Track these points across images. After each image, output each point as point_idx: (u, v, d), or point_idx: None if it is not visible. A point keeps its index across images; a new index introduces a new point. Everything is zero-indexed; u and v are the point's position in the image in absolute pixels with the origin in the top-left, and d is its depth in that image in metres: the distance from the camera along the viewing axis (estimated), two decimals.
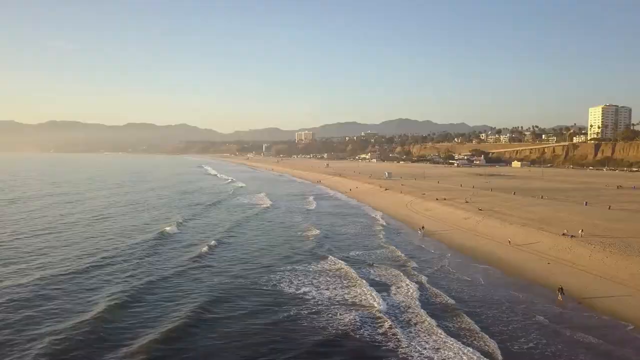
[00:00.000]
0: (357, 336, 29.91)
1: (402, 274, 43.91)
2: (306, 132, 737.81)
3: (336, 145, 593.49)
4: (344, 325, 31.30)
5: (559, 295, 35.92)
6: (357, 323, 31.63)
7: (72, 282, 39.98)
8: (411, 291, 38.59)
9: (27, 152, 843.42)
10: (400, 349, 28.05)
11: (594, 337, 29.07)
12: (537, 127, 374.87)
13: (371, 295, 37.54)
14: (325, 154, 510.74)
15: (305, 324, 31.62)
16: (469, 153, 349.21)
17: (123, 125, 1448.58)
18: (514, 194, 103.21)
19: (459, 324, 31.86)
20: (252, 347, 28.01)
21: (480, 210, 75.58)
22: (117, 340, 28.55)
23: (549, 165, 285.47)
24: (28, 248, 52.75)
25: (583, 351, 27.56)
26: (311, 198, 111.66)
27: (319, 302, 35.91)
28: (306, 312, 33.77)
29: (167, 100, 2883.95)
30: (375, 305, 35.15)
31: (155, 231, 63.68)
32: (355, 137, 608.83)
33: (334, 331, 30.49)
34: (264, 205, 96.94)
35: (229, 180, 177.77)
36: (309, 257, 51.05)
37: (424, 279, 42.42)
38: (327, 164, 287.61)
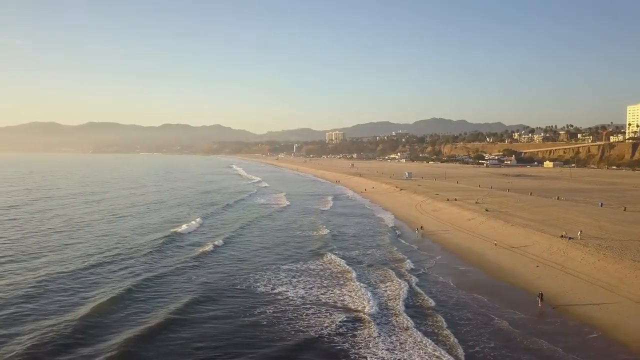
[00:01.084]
0: (332, 332, 30.14)
1: (393, 274, 43.67)
2: (337, 132, 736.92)
3: (366, 145, 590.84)
4: (322, 325, 31.32)
5: (539, 302, 34.64)
6: (338, 322, 31.83)
7: (70, 280, 40.57)
8: (395, 291, 38.41)
9: (66, 153, 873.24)
10: (370, 347, 27.92)
11: (550, 344, 27.94)
12: (571, 126, 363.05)
13: (357, 294, 37.73)
14: (355, 154, 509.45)
15: (284, 324, 31.50)
16: (499, 153, 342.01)
17: (159, 126, 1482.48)
18: (531, 194, 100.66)
19: (432, 326, 31.40)
20: (225, 348, 27.96)
21: (487, 211, 73.90)
22: (95, 337, 28.87)
23: (583, 165, 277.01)
24: (35, 246, 53.77)
25: (529, 357, 26.71)
26: (329, 198, 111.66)
27: (304, 302, 35.89)
28: (290, 312, 33.77)
29: (202, 102, 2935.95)
30: (359, 304, 35.31)
31: (166, 231, 64.28)
32: (385, 137, 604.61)
33: (312, 330, 30.48)
34: (282, 205, 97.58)
35: (254, 180, 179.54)
36: (310, 256, 50.97)
37: (412, 279, 41.98)
38: (352, 164, 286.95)
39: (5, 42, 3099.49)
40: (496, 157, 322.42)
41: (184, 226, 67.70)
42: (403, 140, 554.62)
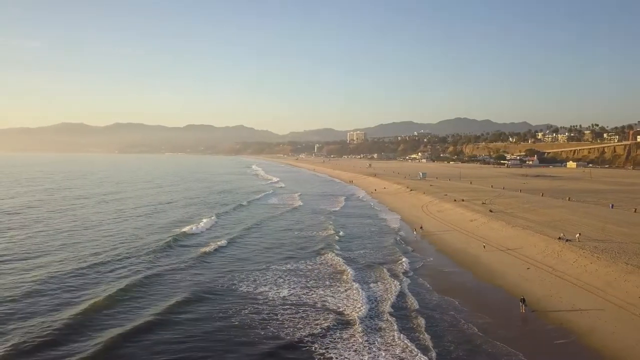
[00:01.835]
0: (305, 334, 29.96)
1: (386, 274, 43.52)
2: (358, 132, 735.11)
3: (387, 145, 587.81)
4: (298, 326, 31.26)
5: (522, 307, 33.68)
6: (313, 322, 31.79)
7: (66, 279, 40.88)
8: (379, 293, 38.26)
9: (93, 153, 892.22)
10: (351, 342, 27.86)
11: (512, 348, 27.26)
12: (597, 125, 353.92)
13: (345, 294, 37.75)
14: (375, 154, 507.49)
15: (261, 325, 31.28)
16: (521, 153, 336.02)
17: (183, 126, 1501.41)
18: (542, 195, 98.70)
19: (412, 329, 30.95)
20: (208, 349, 27.97)
21: (491, 212, 72.65)
22: (78, 335, 29.10)
23: (607, 165, 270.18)
24: (38, 245, 54.44)
25: None
26: (340, 199, 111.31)
27: (292, 303, 35.82)
28: (276, 312, 33.69)
29: (225, 103, 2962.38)
30: (344, 305, 35.28)
31: (171, 231, 64.57)
32: (407, 137, 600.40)
33: (288, 331, 30.42)
34: (294, 206, 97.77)
35: (271, 181, 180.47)
36: (310, 257, 50.76)
37: (396, 281, 41.44)
38: (370, 164, 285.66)
39: (22, 44, 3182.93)
40: (518, 158, 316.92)
41: (191, 226, 67.68)
42: (425, 140, 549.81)
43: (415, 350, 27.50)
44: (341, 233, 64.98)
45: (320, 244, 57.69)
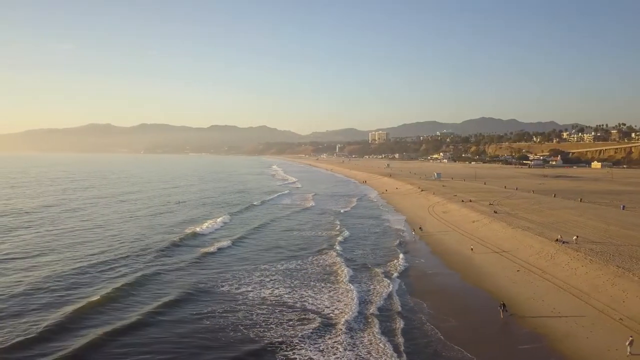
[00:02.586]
0: (275, 335, 29.90)
1: (381, 274, 43.57)
2: (380, 132, 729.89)
3: (410, 145, 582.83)
4: (272, 327, 31.36)
5: (501, 312, 32.82)
6: (286, 322, 31.88)
7: (62, 278, 41.36)
8: (365, 294, 38.12)
9: (119, 154, 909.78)
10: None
11: (470, 353, 26.74)
12: (624, 124, 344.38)
13: (329, 296, 37.71)
14: (397, 154, 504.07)
15: (239, 327, 31.23)
16: (545, 153, 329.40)
17: (207, 127, 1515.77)
18: (554, 196, 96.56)
19: (368, 332, 30.66)
20: (190, 349, 28.11)
21: (496, 213, 71.41)
22: (56, 338, 29.21)
23: (635, 166, 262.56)
24: (40, 245, 55.28)
25: None
26: (352, 199, 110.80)
27: (279, 303, 35.99)
28: (260, 313, 33.69)
29: (249, 103, 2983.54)
30: (320, 306, 35.27)
31: (179, 231, 65.09)
32: (429, 137, 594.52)
33: (264, 331, 30.44)
34: (306, 206, 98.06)
35: (288, 181, 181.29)
36: (310, 257, 50.80)
37: (380, 283, 41.20)
38: (388, 165, 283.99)
39: (54, 47, 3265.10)
40: (541, 158, 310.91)
41: (198, 227, 68.13)
42: (447, 140, 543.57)
43: (366, 355, 27.17)
44: (345, 234, 64.56)
45: (323, 245, 57.57)
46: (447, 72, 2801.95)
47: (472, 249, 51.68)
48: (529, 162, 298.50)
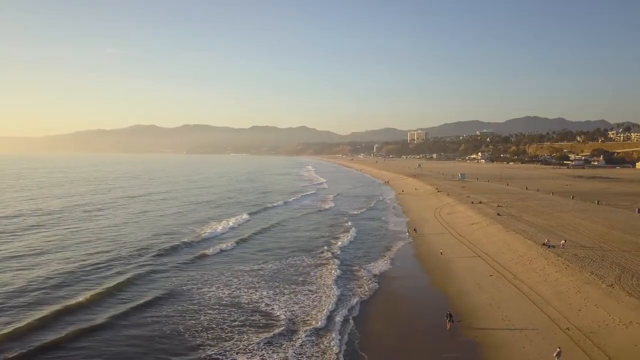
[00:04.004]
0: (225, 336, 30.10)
1: (361, 278, 43.50)
2: (419, 132, 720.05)
3: (448, 145, 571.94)
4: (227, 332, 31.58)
5: (447, 323, 31.36)
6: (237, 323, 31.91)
7: (58, 277, 41.99)
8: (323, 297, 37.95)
9: (163, 154, 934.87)
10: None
11: None
12: None
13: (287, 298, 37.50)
14: (435, 155, 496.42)
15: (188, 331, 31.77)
16: (587, 153, 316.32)
17: (248, 128, 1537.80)
18: (572, 198, 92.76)
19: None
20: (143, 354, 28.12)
21: (499, 215, 69.25)
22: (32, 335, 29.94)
23: None
24: (42, 244, 56.48)
25: None
26: (370, 201, 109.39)
27: (228, 303, 36.35)
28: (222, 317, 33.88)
29: (289, 104, 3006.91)
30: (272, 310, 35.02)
31: (188, 232, 65.55)
32: (469, 137, 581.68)
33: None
34: (324, 207, 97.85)
35: (317, 181, 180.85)
36: (303, 259, 50.67)
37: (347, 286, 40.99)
38: (419, 165, 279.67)
39: (101, 51, 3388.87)
40: (582, 158, 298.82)
41: (210, 228, 68.41)
42: (487, 140, 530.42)
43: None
44: (347, 237, 63.60)
45: (323, 246, 57.03)
46: (490, 70, 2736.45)
47: (441, 253, 50.82)
48: (569, 162, 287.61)
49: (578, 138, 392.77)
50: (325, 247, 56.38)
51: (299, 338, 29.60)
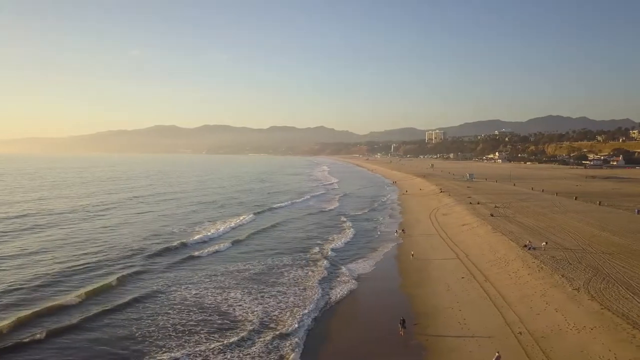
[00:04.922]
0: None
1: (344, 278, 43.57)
2: (437, 131, 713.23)
3: (466, 144, 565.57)
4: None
5: (400, 329, 30.50)
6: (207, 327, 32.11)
7: (54, 277, 42.49)
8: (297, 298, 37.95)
9: (183, 154, 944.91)
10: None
11: None
12: None
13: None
14: (452, 154, 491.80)
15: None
16: (605, 153, 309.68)
17: (267, 128, 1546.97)
18: (575, 199, 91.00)
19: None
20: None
21: (492, 216, 68.25)
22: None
23: None
24: (40, 244, 57.03)
25: None
26: (373, 202, 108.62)
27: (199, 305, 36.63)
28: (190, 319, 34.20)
29: (307, 104, 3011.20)
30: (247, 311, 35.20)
31: (187, 233, 65.66)
32: (487, 136, 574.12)
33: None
34: (328, 208, 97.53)
35: (328, 182, 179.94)
36: (292, 260, 50.52)
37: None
38: (432, 165, 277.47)
39: (123, 53, 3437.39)
40: (601, 158, 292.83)
41: (208, 229, 68.38)
42: (506, 139, 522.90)
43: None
44: (341, 238, 63.28)
45: (314, 248, 56.51)
46: (512, 69, 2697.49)
47: (412, 255, 50.43)
48: (587, 162, 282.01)
49: (598, 137, 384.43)
50: (317, 249, 55.92)
51: (249, 339, 29.61)
